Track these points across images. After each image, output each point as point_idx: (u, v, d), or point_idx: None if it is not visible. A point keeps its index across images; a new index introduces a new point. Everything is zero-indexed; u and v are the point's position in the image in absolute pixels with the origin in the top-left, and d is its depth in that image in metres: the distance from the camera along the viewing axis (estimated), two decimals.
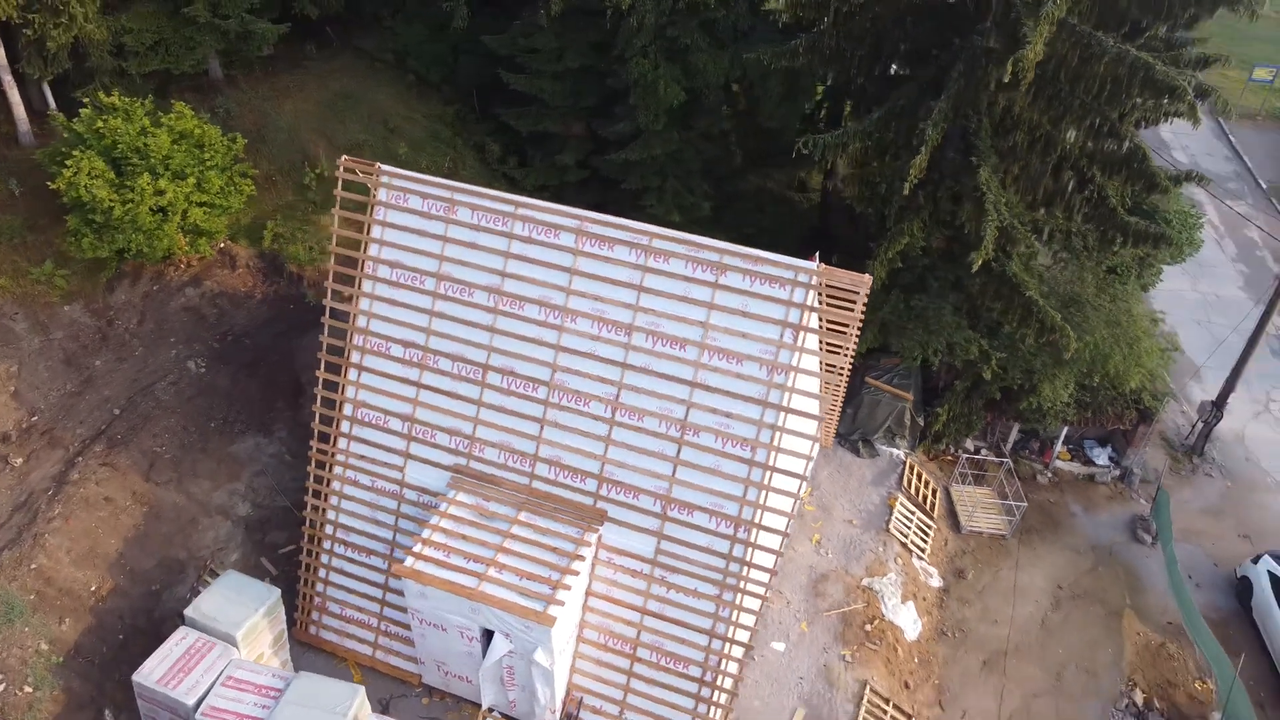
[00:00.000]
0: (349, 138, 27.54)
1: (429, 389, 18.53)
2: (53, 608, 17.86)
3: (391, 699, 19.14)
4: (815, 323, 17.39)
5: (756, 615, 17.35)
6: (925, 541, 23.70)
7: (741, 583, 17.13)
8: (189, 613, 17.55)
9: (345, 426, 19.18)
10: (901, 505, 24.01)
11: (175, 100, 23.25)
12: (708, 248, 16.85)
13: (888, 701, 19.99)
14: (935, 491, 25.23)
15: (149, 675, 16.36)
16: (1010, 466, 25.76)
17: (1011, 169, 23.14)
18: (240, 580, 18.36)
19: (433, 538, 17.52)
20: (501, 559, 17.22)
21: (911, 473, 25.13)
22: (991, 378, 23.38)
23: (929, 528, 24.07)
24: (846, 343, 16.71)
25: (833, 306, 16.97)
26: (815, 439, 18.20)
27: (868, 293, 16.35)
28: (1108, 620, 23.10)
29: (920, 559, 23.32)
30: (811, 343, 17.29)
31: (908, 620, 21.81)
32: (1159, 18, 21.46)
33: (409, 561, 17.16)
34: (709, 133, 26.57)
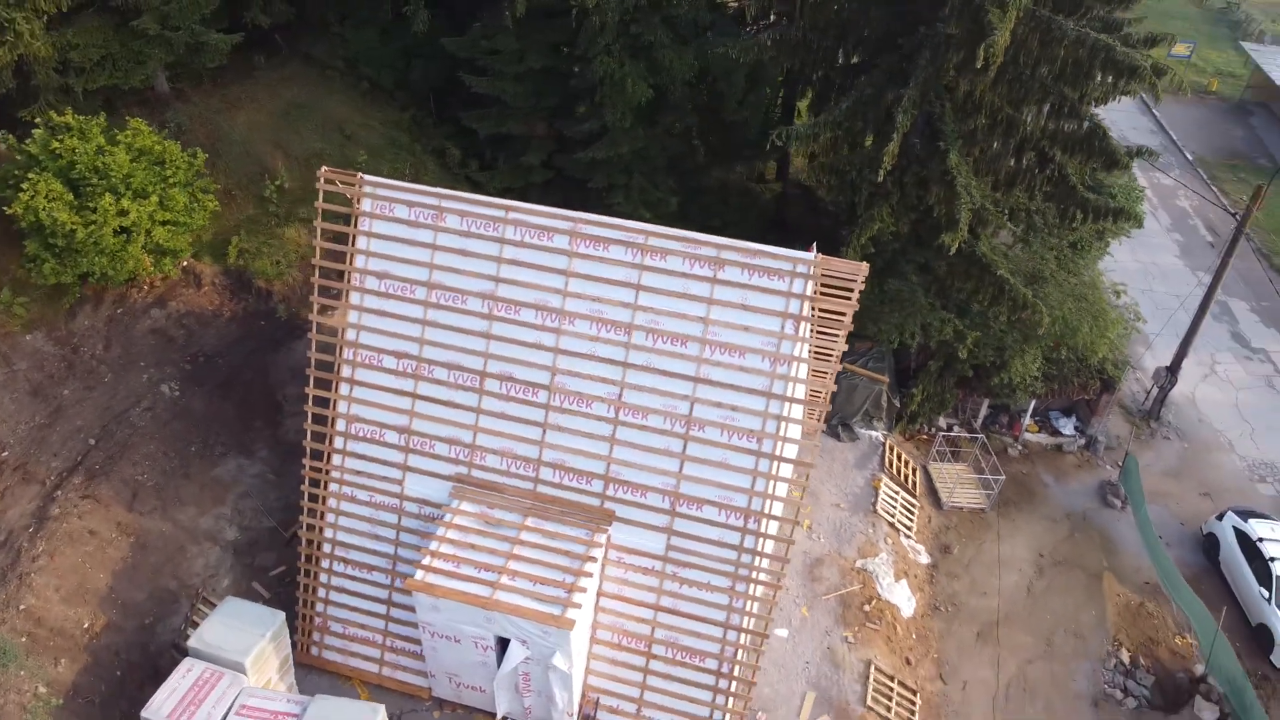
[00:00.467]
0: (306, 148, 26.96)
1: (425, 399, 18.30)
2: (46, 649, 17.22)
3: (402, 715, 18.90)
4: (807, 311, 17.60)
5: (772, 604, 17.55)
6: (911, 520, 24.23)
7: (754, 572, 17.32)
8: (192, 643, 17.10)
9: (339, 442, 18.83)
10: (886, 486, 24.49)
11: (130, 117, 22.48)
12: (705, 243, 16.95)
13: (892, 679, 20.41)
14: (915, 471, 25.80)
15: (159, 710, 15.91)
16: (984, 442, 26.46)
17: (973, 151, 23.72)
18: (241, 606, 17.95)
19: (440, 549, 17.33)
20: (513, 566, 17.11)
21: (892, 453, 25.64)
22: (966, 356, 23.94)
23: (913, 506, 24.61)
24: (842, 330, 16.96)
25: (827, 295, 17.19)
26: (820, 427, 18.44)
27: (864, 280, 16.62)
28: (1089, 584, 23.92)
29: (908, 537, 23.83)
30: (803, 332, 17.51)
31: (902, 598, 22.28)
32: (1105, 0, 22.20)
33: (420, 575, 16.94)
34: (673, 129, 26.68)
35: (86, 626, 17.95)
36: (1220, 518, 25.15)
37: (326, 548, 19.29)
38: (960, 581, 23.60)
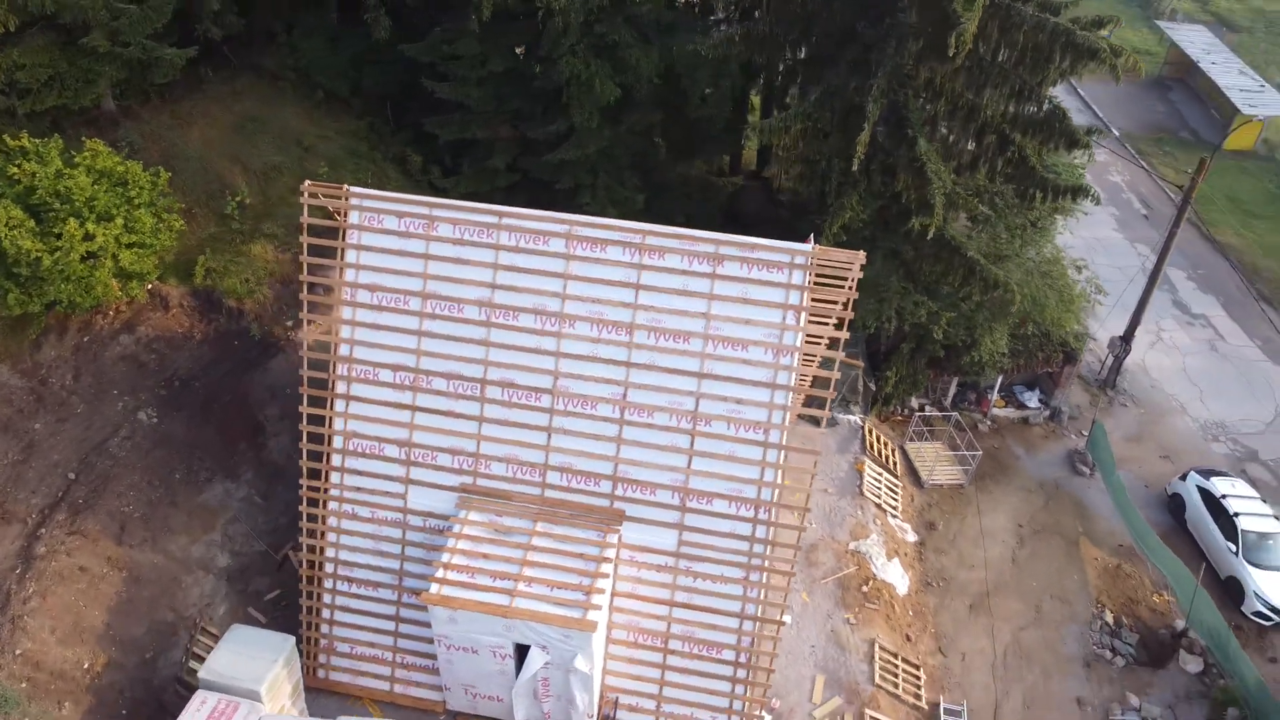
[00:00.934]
0: (264, 161, 26.32)
1: (425, 410, 18.11)
2: (48, 693, 16.65)
3: None
4: (807, 302, 17.88)
5: (786, 591, 17.82)
6: (896, 500, 24.77)
7: (766, 561, 17.57)
8: (203, 674, 16.70)
9: (337, 460, 18.53)
10: (870, 469, 24.99)
11: (85, 138, 21.71)
12: (703, 239, 17.12)
13: (896, 656, 20.89)
14: (895, 452, 26.37)
15: None
16: (958, 419, 27.16)
17: (935, 137, 24.28)
18: (249, 633, 17.61)
19: (453, 561, 17.20)
20: (528, 572, 17.07)
21: (871, 436, 26.16)
22: (942, 337, 24.52)
23: (897, 487, 25.16)
24: (842, 318, 17.31)
25: (822, 285, 17.49)
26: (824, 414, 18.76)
27: (860, 268, 16.96)
28: (1068, 550, 24.77)
29: (895, 517, 24.37)
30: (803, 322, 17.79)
31: (896, 576, 22.79)
32: None
33: (435, 588, 16.80)
34: (636, 127, 26.75)
35: (87, 666, 17.38)
36: (1183, 478, 26.26)
37: (329, 568, 18.97)
38: (948, 556, 24.22)
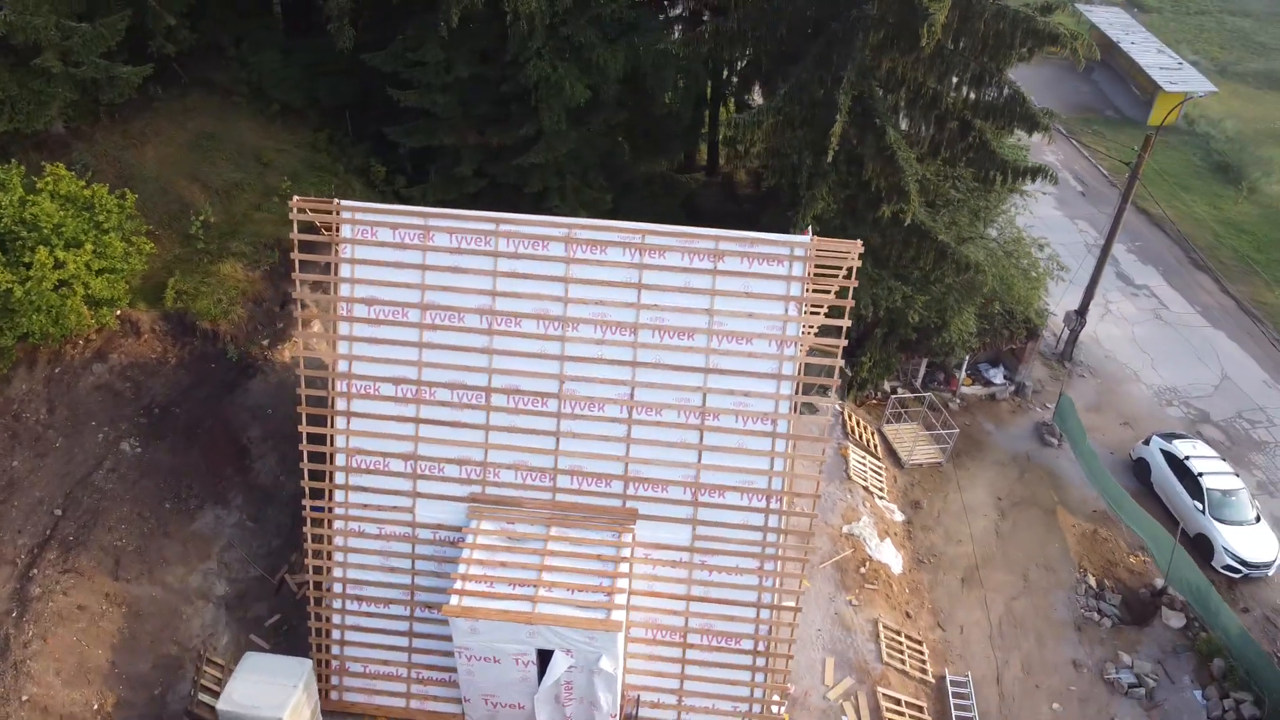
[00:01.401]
0: (224, 179, 25.67)
1: (429, 422, 17.96)
2: None
3: None
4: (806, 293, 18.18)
5: (800, 578, 18.13)
6: (881, 482, 25.33)
7: (780, 550, 17.85)
8: (222, 706, 16.40)
9: (340, 478, 18.25)
10: (854, 453, 25.51)
11: (45, 163, 20.96)
12: (702, 236, 17.30)
13: (899, 633, 21.39)
14: (874, 435, 26.94)
15: None
16: (932, 400, 27.87)
17: (898, 125, 24.84)
18: (264, 660, 17.35)
19: (470, 571, 17.10)
20: (546, 577, 17.06)
21: (851, 420, 26.69)
22: (917, 320, 25.12)
23: (880, 469, 25.72)
24: (844, 306, 17.66)
25: (820, 276, 17.81)
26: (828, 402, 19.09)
27: (859, 257, 17.34)
28: (1046, 519, 25.63)
29: (882, 499, 24.92)
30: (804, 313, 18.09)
31: (890, 556, 23.32)
32: None
33: (455, 600, 16.69)
34: (601, 127, 26.80)
35: (96, 708, 16.86)
36: (1146, 442, 27.38)
37: (337, 588, 18.69)
38: (935, 533, 24.87)
